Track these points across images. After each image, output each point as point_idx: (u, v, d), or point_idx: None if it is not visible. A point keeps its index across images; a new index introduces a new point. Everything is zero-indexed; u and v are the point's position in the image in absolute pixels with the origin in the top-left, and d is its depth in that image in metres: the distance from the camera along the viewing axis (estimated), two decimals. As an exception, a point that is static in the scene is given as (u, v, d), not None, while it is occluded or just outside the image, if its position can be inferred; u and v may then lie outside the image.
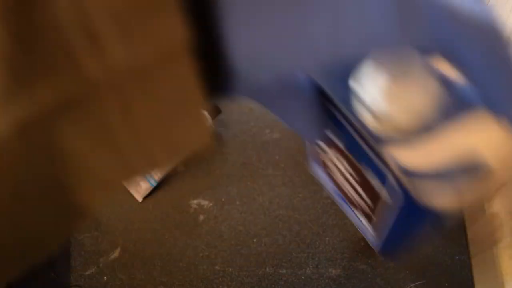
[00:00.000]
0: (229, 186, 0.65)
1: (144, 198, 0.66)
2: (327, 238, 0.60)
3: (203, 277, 0.57)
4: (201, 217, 0.62)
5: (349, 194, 0.43)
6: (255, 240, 0.60)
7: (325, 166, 0.44)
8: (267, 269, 0.58)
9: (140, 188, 0.67)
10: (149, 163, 0.17)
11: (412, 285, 0.57)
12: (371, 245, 0.55)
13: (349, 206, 0.48)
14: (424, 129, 0.23)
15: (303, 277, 0.57)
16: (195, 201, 0.63)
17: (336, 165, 0.41)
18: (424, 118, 0.23)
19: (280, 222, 0.62)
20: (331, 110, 0.31)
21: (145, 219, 0.64)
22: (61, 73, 0.15)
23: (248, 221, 0.62)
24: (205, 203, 0.63)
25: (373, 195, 0.38)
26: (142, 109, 0.16)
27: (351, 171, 0.38)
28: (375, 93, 0.24)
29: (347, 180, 0.41)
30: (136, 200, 0.66)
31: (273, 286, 0.57)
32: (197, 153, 0.25)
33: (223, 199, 0.64)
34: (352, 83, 0.25)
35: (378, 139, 0.26)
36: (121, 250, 0.59)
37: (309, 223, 0.62)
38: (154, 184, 0.67)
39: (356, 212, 0.46)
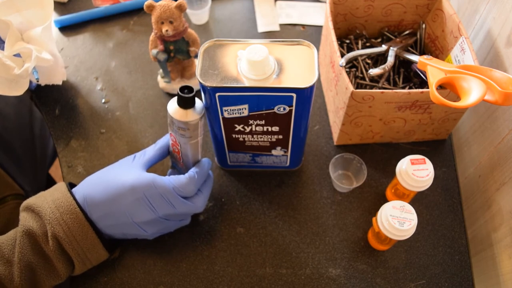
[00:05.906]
0: (229, 186, 0.65)
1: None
2: (327, 238, 0.60)
3: (203, 277, 0.57)
4: (201, 217, 0.62)
5: (265, 144, 0.58)
6: (255, 240, 0.60)
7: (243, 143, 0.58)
8: (267, 269, 0.58)
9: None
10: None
11: (412, 285, 0.57)
12: (285, 169, 0.67)
13: (269, 155, 0.61)
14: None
15: (303, 277, 0.57)
16: (195, 201, 0.63)
17: (251, 130, 0.55)
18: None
19: (280, 222, 0.62)
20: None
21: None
22: None
23: (248, 221, 0.62)
24: (205, 203, 0.63)
25: (278, 123, 0.53)
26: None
27: (258, 122, 0.53)
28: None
29: (259, 133, 0.55)
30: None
31: (273, 286, 0.57)
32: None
33: (223, 199, 0.64)
34: None
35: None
36: (121, 250, 0.59)
37: (309, 223, 0.62)
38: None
39: (274, 152, 0.60)
